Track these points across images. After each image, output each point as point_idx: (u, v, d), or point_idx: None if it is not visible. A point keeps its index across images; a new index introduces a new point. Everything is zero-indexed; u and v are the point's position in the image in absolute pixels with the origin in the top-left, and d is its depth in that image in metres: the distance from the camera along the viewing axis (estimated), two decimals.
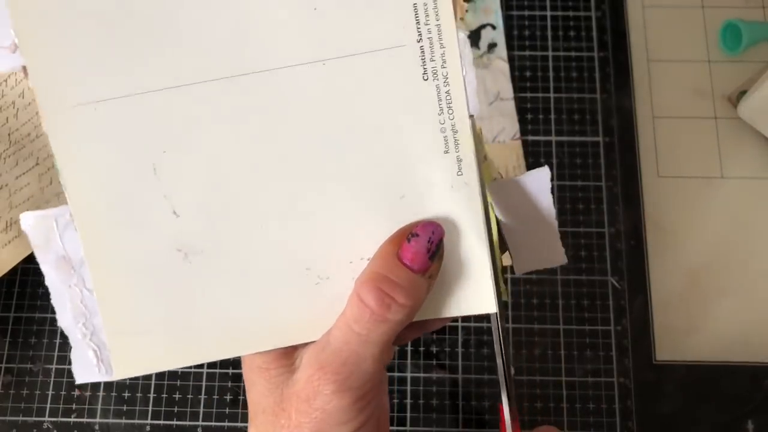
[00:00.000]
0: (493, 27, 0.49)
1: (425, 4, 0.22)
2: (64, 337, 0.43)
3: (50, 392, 0.42)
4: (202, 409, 0.42)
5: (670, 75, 0.48)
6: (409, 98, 0.23)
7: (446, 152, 0.23)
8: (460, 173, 0.23)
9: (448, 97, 0.23)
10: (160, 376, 0.42)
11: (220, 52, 0.22)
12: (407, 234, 0.23)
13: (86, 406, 0.42)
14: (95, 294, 0.23)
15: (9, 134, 0.45)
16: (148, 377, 0.42)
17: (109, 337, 0.24)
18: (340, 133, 0.23)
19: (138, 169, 0.23)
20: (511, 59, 0.49)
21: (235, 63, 0.22)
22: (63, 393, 0.42)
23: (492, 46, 0.49)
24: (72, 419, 0.42)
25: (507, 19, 0.49)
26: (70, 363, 0.24)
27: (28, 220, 0.24)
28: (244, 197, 0.23)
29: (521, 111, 0.47)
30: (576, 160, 0.46)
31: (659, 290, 0.44)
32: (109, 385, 0.42)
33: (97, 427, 0.41)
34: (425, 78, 0.23)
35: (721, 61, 0.49)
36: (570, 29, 0.49)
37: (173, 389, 0.42)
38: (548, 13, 0.50)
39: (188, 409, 0.42)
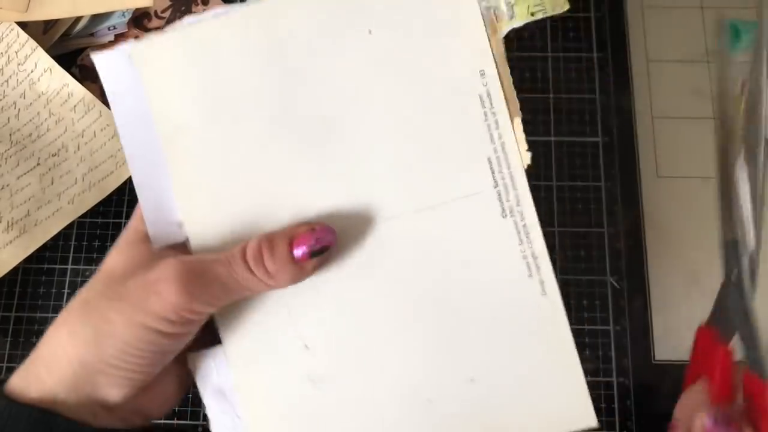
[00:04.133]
0: None
1: (498, 158, 0.27)
2: None
3: None
4: (203, 410, 0.42)
5: (669, 75, 0.48)
6: (492, 233, 0.27)
7: (530, 276, 0.26)
8: (543, 293, 0.27)
9: (526, 230, 0.27)
10: None
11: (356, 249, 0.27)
12: (311, 226, 0.26)
13: None
14: (243, 420, 0.27)
15: (11, 134, 0.45)
16: None
17: None
18: (436, 270, 0.27)
19: (276, 313, 0.27)
20: (510, 60, 0.49)
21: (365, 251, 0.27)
22: None
23: None
24: None
25: None
26: None
27: (192, 358, 0.28)
28: (363, 336, 0.27)
29: (520, 111, 0.47)
30: (575, 160, 0.46)
31: (658, 290, 0.44)
32: None
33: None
34: (504, 216, 0.27)
35: None
36: (569, 30, 0.49)
37: None
38: None
39: (189, 409, 0.42)
